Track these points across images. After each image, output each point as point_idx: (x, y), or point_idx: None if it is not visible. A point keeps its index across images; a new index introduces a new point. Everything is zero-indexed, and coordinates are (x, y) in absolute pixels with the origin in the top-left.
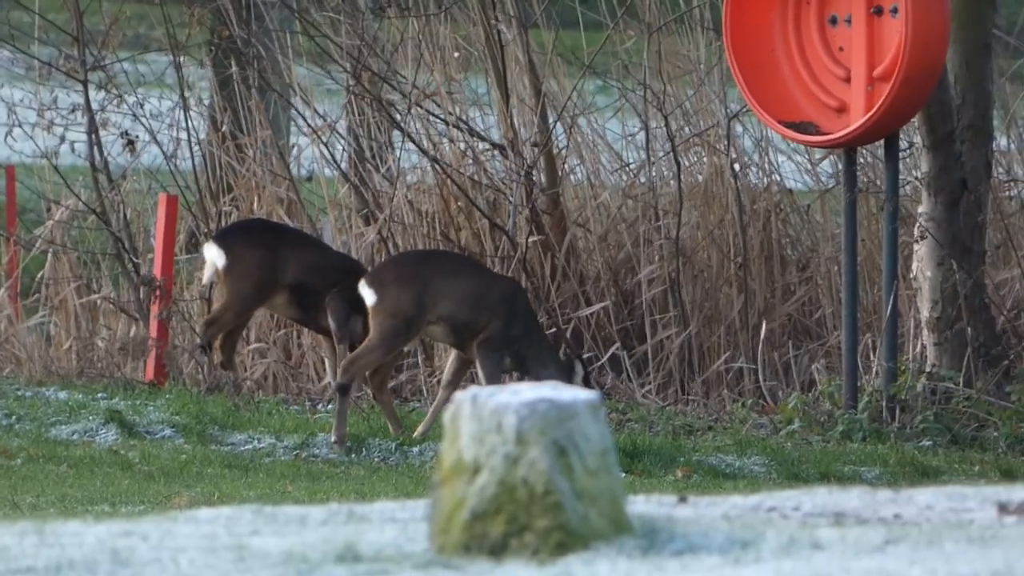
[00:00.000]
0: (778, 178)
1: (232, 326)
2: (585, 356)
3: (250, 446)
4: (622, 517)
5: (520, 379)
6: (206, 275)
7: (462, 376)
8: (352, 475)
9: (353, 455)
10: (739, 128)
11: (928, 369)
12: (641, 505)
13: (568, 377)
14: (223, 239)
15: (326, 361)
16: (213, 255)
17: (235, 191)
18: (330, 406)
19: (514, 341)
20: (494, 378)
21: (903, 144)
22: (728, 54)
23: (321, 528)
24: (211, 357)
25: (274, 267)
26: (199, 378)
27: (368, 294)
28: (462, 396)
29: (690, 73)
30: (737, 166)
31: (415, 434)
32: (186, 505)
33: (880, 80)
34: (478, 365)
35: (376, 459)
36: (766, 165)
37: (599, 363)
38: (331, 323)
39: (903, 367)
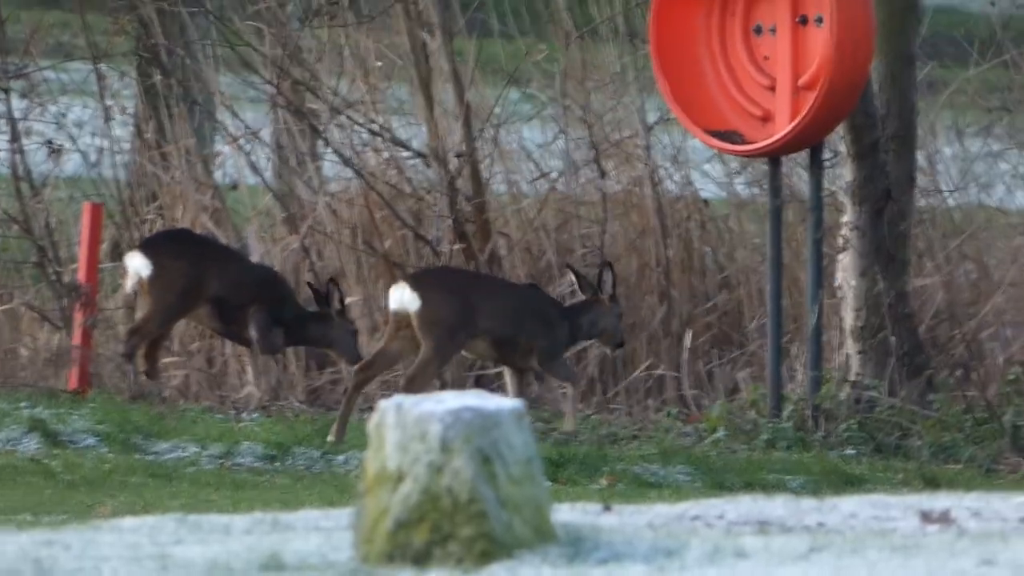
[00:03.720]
0: (697, 188)
1: (156, 336)
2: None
3: (174, 455)
4: (547, 526)
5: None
6: (129, 284)
7: (525, 386)
8: (276, 484)
9: (277, 463)
10: (659, 137)
11: (852, 378)
12: (566, 514)
13: (615, 313)
14: (148, 249)
15: (249, 370)
16: (137, 264)
17: (160, 199)
18: (255, 415)
19: (564, 340)
20: (569, 377)
21: (827, 153)
22: (653, 63)
23: (245, 537)
24: (135, 365)
25: (199, 279)
26: (123, 387)
27: (411, 300)
28: (386, 404)
29: (609, 84)
30: (656, 176)
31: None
32: (109, 514)
33: (805, 89)
34: (552, 376)
35: (301, 467)
36: (685, 174)
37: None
38: (253, 335)
39: (827, 376)
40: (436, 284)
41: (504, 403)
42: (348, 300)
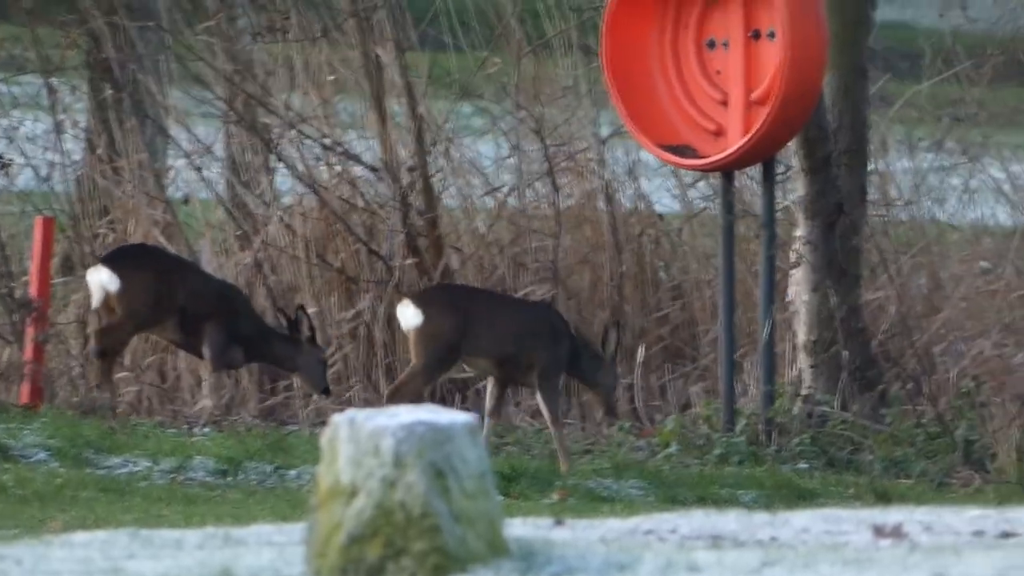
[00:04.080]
0: (650, 202)
1: (126, 341)
2: (461, 377)
3: (126, 469)
4: (499, 540)
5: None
6: (96, 299)
7: (504, 403)
8: (229, 498)
9: (229, 478)
10: (611, 151)
11: (804, 392)
12: (518, 528)
13: (613, 373)
14: (113, 263)
15: (203, 384)
16: (104, 279)
17: (112, 213)
18: (206, 429)
19: (564, 362)
20: (557, 407)
21: (780, 168)
22: (606, 77)
23: (197, 552)
24: (107, 363)
25: (167, 290)
26: (74, 401)
27: (414, 316)
28: (339, 419)
29: (561, 97)
30: (609, 190)
31: None
32: (61, 529)
33: (757, 104)
34: (540, 399)
35: (253, 482)
36: (639, 188)
37: (476, 386)
38: (207, 353)
39: (780, 390)
40: (440, 303)
41: (457, 417)
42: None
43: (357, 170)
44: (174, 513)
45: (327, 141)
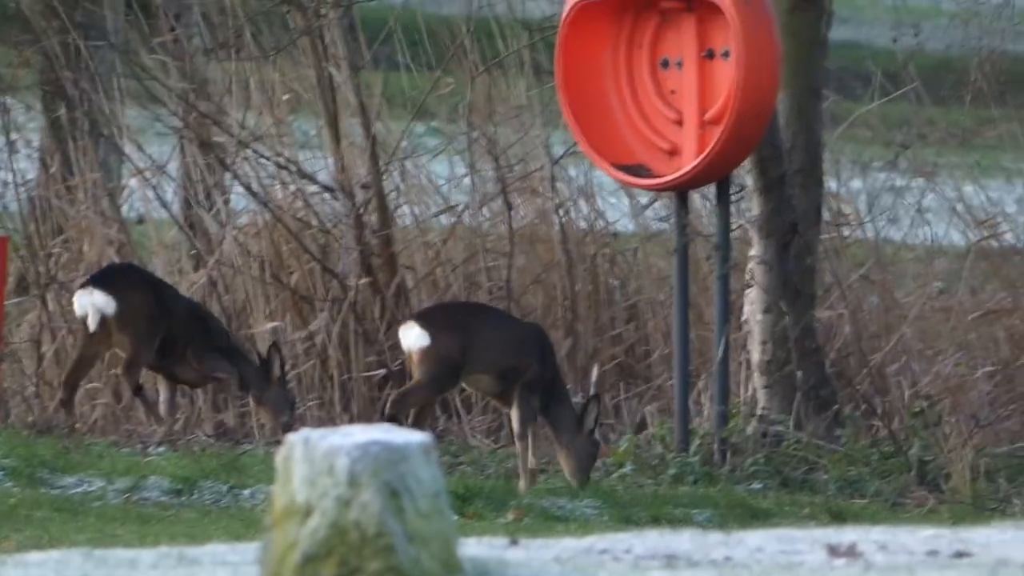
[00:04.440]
0: (604, 221)
1: (147, 362)
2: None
3: (80, 489)
4: (454, 560)
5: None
6: (92, 323)
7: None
8: (183, 518)
9: (184, 497)
10: (565, 171)
11: (759, 412)
12: (473, 548)
13: (581, 419)
14: (104, 284)
15: (161, 405)
16: (99, 302)
17: (66, 233)
18: (161, 449)
19: (547, 382)
20: (528, 420)
21: (734, 187)
22: (560, 97)
23: (151, 571)
24: (144, 398)
25: (161, 308)
26: (29, 420)
27: (419, 337)
28: (294, 438)
29: (515, 117)
30: (562, 209)
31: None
32: (14, 549)
33: (712, 123)
34: (515, 407)
35: (208, 502)
36: (593, 208)
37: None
38: (219, 375)
39: (734, 410)
40: (445, 323)
41: (412, 437)
42: (266, 328)
43: (312, 189)
44: (128, 533)
45: (282, 160)
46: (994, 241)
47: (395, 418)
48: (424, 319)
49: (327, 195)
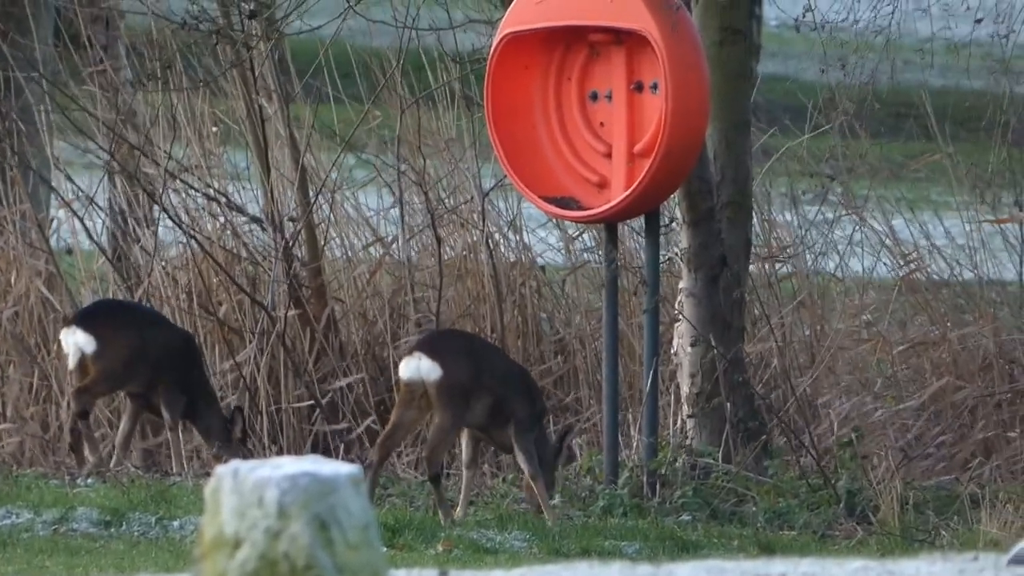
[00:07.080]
0: (532, 254)
1: (102, 397)
2: (341, 428)
3: (8, 521)
4: None
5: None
6: (72, 361)
7: (480, 453)
8: (112, 549)
9: (112, 529)
10: (495, 203)
11: (688, 444)
12: None
13: (556, 454)
14: (86, 323)
15: (118, 434)
16: (80, 341)
17: None
18: (89, 480)
19: (540, 417)
20: (534, 456)
21: (663, 220)
22: (489, 129)
23: None
24: (87, 424)
25: (142, 347)
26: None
27: (430, 370)
28: (223, 470)
29: (444, 150)
30: (491, 242)
31: (456, 515)
32: None
33: (640, 156)
34: (518, 450)
35: (136, 533)
36: (521, 240)
37: (354, 433)
38: (169, 414)
39: (663, 443)
40: (452, 351)
41: (341, 469)
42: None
43: (241, 220)
44: (57, 565)
45: (211, 191)
46: (921, 274)
47: (437, 478)
48: (429, 348)
49: (257, 227)
